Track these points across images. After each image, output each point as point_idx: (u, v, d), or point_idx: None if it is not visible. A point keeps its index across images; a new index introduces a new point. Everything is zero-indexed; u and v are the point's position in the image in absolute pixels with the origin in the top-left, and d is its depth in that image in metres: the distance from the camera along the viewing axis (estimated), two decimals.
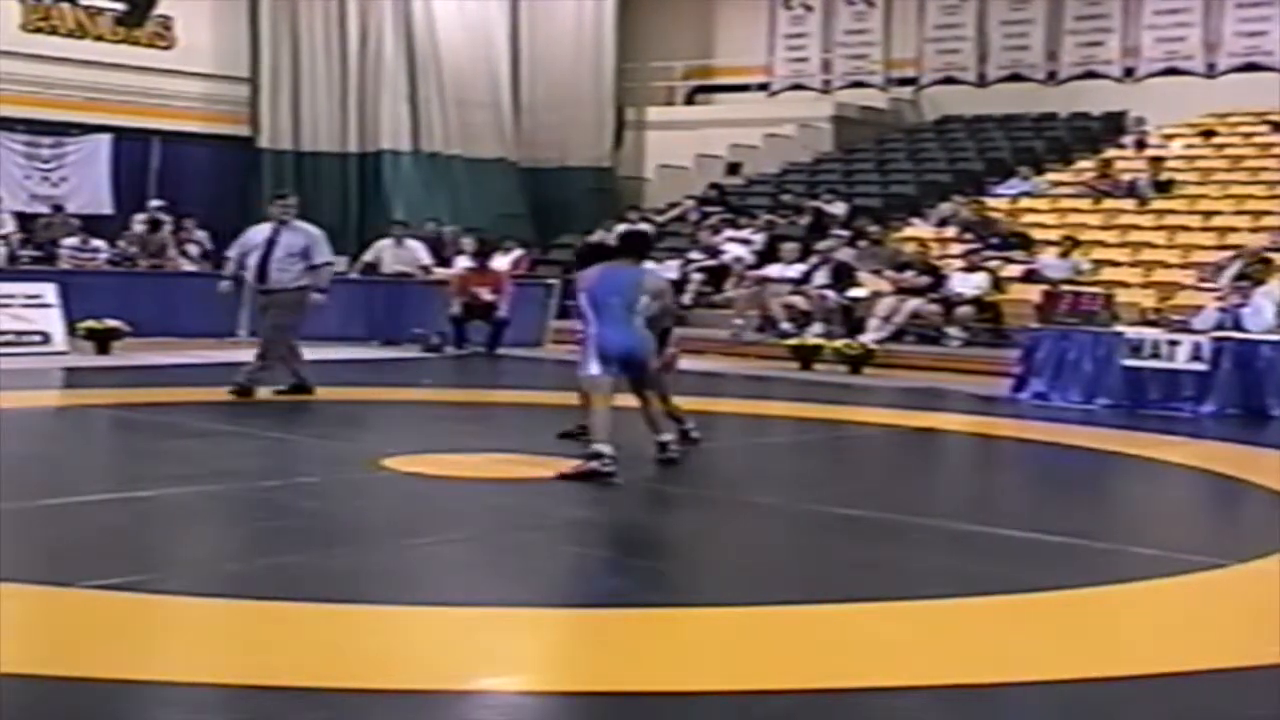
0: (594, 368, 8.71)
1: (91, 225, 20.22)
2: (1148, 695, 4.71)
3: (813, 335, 17.37)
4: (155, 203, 21.27)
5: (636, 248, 9.31)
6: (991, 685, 4.76)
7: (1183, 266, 18.11)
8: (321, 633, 5.12)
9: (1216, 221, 19.48)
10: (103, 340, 15.89)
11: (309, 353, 12.41)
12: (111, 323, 15.76)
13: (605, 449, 8.32)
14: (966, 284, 17.80)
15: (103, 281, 17.75)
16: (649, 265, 9.38)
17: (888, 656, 5.06)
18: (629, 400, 8.93)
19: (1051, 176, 22.55)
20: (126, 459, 9.66)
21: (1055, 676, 4.85)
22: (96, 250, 19.30)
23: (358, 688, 4.47)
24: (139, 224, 20.42)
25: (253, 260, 12.16)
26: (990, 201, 21.37)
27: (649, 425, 9.07)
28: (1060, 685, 4.77)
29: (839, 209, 21.91)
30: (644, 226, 18.72)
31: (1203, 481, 9.74)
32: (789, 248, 19.50)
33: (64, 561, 6.18)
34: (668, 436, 9.07)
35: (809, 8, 27.20)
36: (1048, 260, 18.41)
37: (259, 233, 12.39)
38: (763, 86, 27.59)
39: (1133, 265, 18.54)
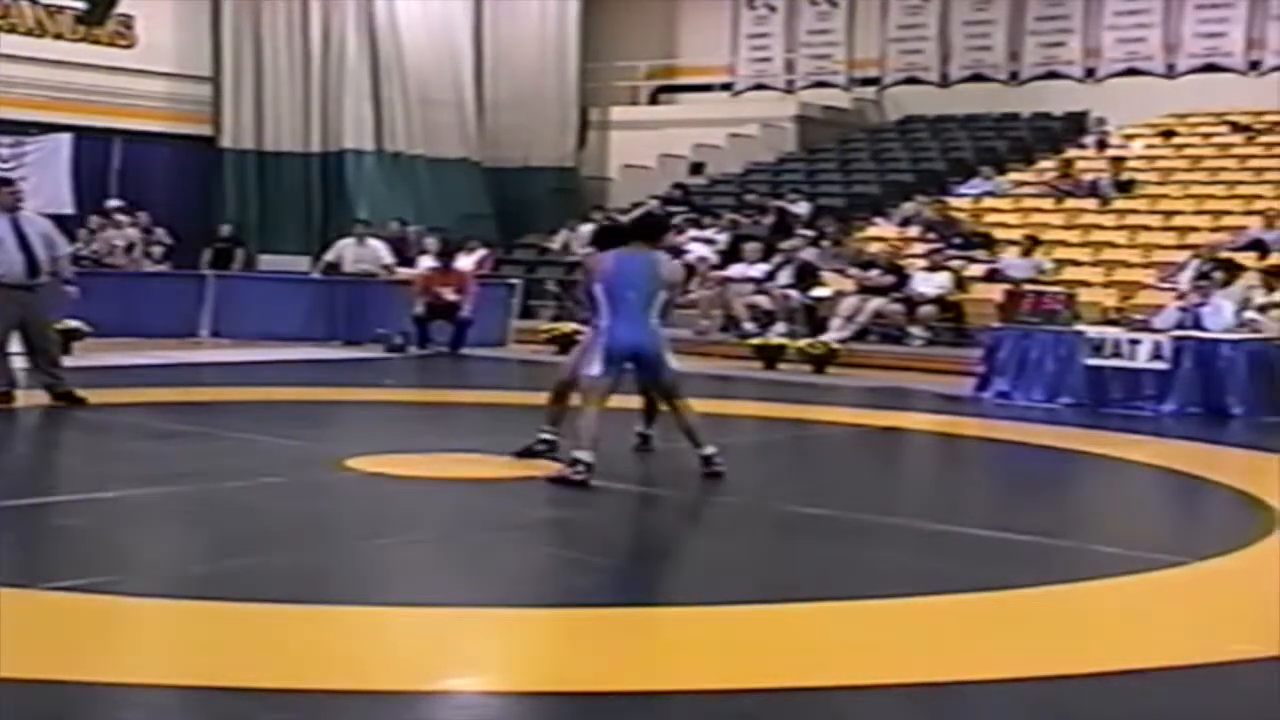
0: (597, 368, 8.29)
1: None
2: (1111, 693, 4.73)
3: (776, 335, 17.39)
4: (114, 203, 21.13)
5: (652, 233, 8.85)
6: (956, 683, 4.78)
7: (1144, 266, 18.23)
8: (286, 634, 5.10)
9: (1177, 221, 19.61)
10: (63, 341, 15.72)
11: (272, 353, 12.34)
12: (72, 323, 15.60)
13: (585, 456, 8.05)
14: (929, 283, 17.86)
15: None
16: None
17: (854, 655, 5.08)
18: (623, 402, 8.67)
19: (1014, 176, 22.66)
20: (88, 460, 9.58)
21: (1020, 675, 4.87)
22: None
23: (323, 688, 4.46)
24: (102, 223, 20.26)
25: (11, 255, 10.74)
26: (953, 201, 21.47)
27: (686, 437, 8.58)
28: (1025, 683, 4.80)
29: (802, 209, 21.97)
30: (658, 210, 18.52)
31: (1164, 480, 9.80)
32: (752, 247, 19.52)
33: (25, 563, 6.14)
34: (711, 449, 8.53)
35: (772, 8, 27.24)
36: (1010, 260, 18.49)
37: None
38: (726, 86, 27.62)
39: (1094, 265, 18.65)
